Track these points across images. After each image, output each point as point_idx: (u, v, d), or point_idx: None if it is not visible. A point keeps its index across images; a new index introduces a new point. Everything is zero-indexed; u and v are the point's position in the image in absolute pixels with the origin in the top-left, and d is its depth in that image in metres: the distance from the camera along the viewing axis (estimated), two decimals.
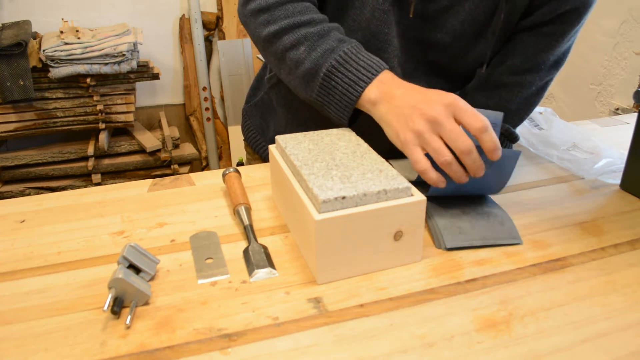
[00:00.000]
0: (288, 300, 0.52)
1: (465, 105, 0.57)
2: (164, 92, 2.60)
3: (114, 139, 2.32)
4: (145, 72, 2.22)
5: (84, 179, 2.29)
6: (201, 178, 0.79)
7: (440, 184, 0.59)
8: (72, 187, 2.27)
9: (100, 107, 2.15)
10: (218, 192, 0.75)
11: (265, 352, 0.46)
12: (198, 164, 2.70)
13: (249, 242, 0.61)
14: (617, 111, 1.94)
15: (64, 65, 2.02)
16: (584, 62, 2.07)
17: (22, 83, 1.98)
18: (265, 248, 0.60)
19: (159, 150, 2.32)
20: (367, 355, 0.46)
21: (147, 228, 0.66)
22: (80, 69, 2.04)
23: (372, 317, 0.50)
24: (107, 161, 2.27)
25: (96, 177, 2.27)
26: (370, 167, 0.58)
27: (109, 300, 0.48)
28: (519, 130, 0.88)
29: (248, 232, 0.62)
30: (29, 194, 2.18)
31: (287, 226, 0.65)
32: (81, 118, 2.16)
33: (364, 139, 0.66)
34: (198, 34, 2.51)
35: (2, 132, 2.09)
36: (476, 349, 0.46)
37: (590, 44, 2.02)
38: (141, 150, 2.32)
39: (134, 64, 2.12)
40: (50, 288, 0.54)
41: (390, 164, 0.59)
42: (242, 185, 0.70)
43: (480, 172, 0.58)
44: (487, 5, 0.70)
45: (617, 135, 0.98)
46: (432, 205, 0.66)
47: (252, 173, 0.80)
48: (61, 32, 2.11)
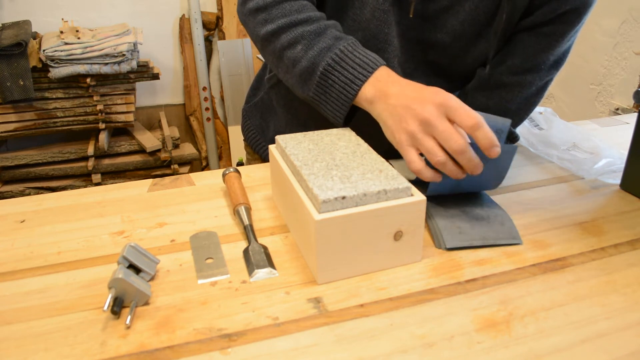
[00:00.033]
0: (288, 300, 0.52)
1: (457, 104, 0.57)
2: (164, 92, 2.60)
3: (114, 139, 2.32)
4: (145, 72, 2.22)
5: (84, 179, 2.29)
6: (201, 178, 0.79)
7: (437, 179, 0.59)
8: (72, 187, 2.27)
9: (100, 107, 2.15)
10: (218, 192, 0.75)
11: (265, 352, 0.46)
12: (198, 164, 2.70)
13: (249, 242, 0.61)
14: (617, 111, 1.94)
15: (64, 65, 2.02)
16: (584, 62, 2.07)
17: (22, 83, 1.98)
18: (265, 248, 0.60)
19: (159, 150, 2.32)
20: (367, 355, 0.46)
21: (147, 228, 0.66)
22: (80, 69, 2.04)
23: (372, 317, 0.50)
24: (107, 161, 2.28)
25: (96, 177, 2.27)
26: (370, 167, 0.58)
27: (109, 300, 0.48)
28: (519, 130, 0.88)
29: (248, 232, 0.62)
30: (29, 194, 2.18)
31: (287, 226, 0.65)
32: (81, 118, 2.16)
33: (364, 139, 0.66)
34: (198, 34, 2.51)
35: (2, 132, 2.09)
36: (476, 349, 0.46)
37: (590, 44, 2.02)
38: (141, 150, 2.32)
39: (134, 64, 2.12)
40: (50, 288, 0.54)
41: (390, 164, 0.59)
42: (242, 185, 0.70)
43: (477, 170, 0.58)
44: (487, 5, 0.70)
45: (617, 135, 0.98)
46: (432, 205, 0.66)
47: (252, 173, 0.80)
48: (61, 32, 2.11)
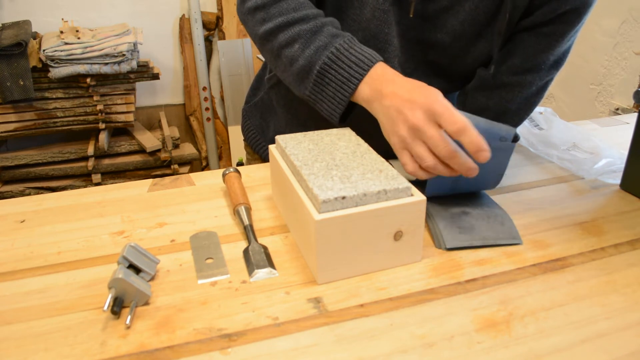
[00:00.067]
0: (288, 300, 0.52)
1: (442, 109, 0.56)
2: (164, 92, 2.60)
3: (114, 139, 2.32)
4: (145, 72, 2.22)
5: (84, 179, 2.29)
6: (201, 178, 0.79)
7: (432, 175, 0.59)
8: (72, 187, 2.27)
9: (100, 107, 2.15)
10: (218, 192, 0.75)
11: (265, 352, 0.46)
12: (198, 164, 2.70)
13: (249, 242, 0.61)
14: (617, 111, 1.94)
15: (64, 65, 2.02)
16: (584, 62, 2.07)
17: (22, 83, 1.98)
18: (265, 248, 0.60)
19: (159, 150, 2.32)
20: (367, 355, 0.46)
21: (147, 228, 0.66)
22: (80, 69, 2.04)
23: (372, 317, 0.50)
24: (107, 161, 2.28)
25: (96, 177, 2.27)
26: (370, 167, 0.58)
27: (109, 300, 0.48)
28: (519, 130, 0.88)
29: (248, 232, 0.62)
30: (29, 194, 2.18)
31: (287, 226, 0.65)
32: (81, 118, 2.16)
33: (364, 139, 0.66)
34: (198, 34, 2.51)
35: (2, 132, 2.09)
36: (476, 349, 0.46)
37: (590, 44, 2.02)
38: (141, 150, 2.32)
39: (134, 64, 2.12)
40: (50, 288, 0.54)
41: (390, 164, 0.59)
42: (242, 185, 0.70)
43: (472, 173, 0.58)
44: (487, 5, 0.70)
45: (617, 135, 0.98)
46: (432, 205, 0.66)
47: (252, 173, 0.80)
48: (61, 32, 2.11)
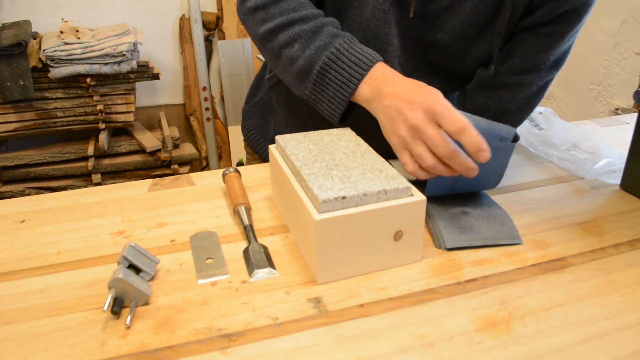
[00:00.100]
0: (288, 300, 0.52)
1: (442, 109, 0.56)
2: (164, 92, 2.60)
3: (114, 139, 2.32)
4: (145, 72, 2.22)
5: (84, 179, 2.29)
6: (201, 178, 0.79)
7: (432, 175, 0.59)
8: (72, 187, 2.27)
9: (100, 107, 2.15)
10: (218, 192, 0.75)
11: (265, 352, 0.46)
12: (198, 164, 2.70)
13: (249, 242, 0.61)
14: (617, 111, 1.94)
15: (64, 65, 2.02)
16: (584, 62, 2.07)
17: (22, 83, 1.98)
18: (265, 248, 0.60)
19: (159, 150, 2.32)
20: (367, 355, 0.46)
21: (147, 228, 0.66)
22: (80, 69, 2.04)
23: (372, 317, 0.50)
24: (107, 161, 2.28)
25: (96, 177, 2.27)
26: (370, 167, 0.58)
27: (109, 300, 0.48)
28: (519, 130, 0.88)
29: (248, 232, 0.62)
30: (29, 194, 2.18)
31: (287, 226, 0.65)
32: (81, 118, 2.16)
33: (364, 139, 0.66)
34: (198, 34, 2.51)
35: (2, 132, 2.09)
36: (476, 349, 0.46)
37: (590, 44, 2.02)
38: (141, 150, 2.32)
39: (134, 64, 2.12)
40: (50, 288, 0.54)
41: (391, 164, 0.59)
42: (242, 185, 0.70)
43: (472, 173, 0.58)
44: (487, 5, 0.70)
45: (617, 135, 0.98)
46: (432, 205, 0.66)
47: (252, 173, 0.80)
48: (61, 32, 2.11)
